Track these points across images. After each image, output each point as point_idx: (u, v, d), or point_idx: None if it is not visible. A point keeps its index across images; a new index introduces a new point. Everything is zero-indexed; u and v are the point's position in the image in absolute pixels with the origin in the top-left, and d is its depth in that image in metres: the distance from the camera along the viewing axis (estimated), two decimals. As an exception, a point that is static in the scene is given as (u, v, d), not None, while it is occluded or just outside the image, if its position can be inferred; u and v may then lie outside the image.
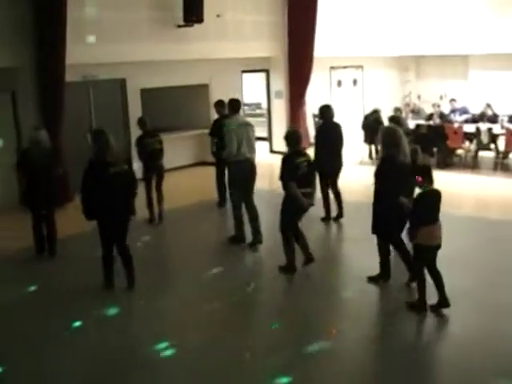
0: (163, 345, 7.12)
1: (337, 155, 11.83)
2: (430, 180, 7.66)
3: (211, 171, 14.04)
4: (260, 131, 20.75)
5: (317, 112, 19.23)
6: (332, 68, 21.85)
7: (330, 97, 21.27)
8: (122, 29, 14.88)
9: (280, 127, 19.80)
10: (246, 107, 20.48)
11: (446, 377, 6.50)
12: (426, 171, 7.75)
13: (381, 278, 8.74)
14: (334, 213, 12.02)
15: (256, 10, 18.10)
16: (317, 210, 10.64)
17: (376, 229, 8.53)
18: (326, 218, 11.95)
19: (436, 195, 7.69)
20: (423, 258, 7.70)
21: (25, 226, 10.54)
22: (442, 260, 7.79)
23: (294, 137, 9.25)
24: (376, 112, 17.84)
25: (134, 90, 16.30)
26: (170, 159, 15.88)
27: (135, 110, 16.24)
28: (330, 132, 11.84)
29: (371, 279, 8.78)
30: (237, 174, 10.61)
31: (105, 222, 8.63)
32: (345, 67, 22.28)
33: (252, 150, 10.67)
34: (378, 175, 8.40)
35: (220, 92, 16.63)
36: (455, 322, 7.62)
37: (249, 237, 10.75)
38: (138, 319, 8.17)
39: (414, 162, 8.96)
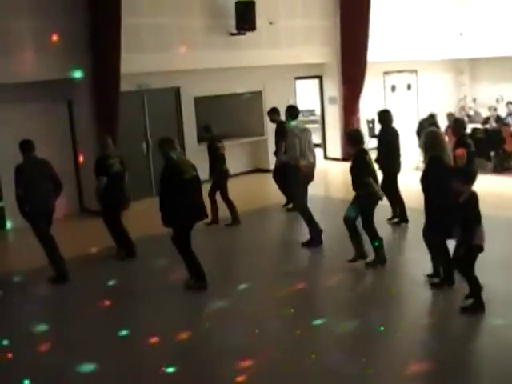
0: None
1: (397, 159, 11.84)
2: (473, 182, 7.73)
3: (266, 178, 14.05)
4: (314, 138, 20.72)
5: (371, 118, 19.32)
6: (386, 73, 21.69)
7: (384, 102, 21.11)
8: (175, 38, 14.99)
9: (334, 134, 19.74)
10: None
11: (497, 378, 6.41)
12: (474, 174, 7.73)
13: (444, 283, 8.57)
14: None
15: (308, 17, 18.05)
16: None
17: (429, 231, 8.43)
18: (394, 218, 12.05)
19: (477, 196, 7.67)
20: (474, 259, 7.64)
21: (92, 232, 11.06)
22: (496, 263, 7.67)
23: (359, 135, 9.57)
24: (432, 117, 17.52)
25: (188, 98, 16.42)
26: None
27: (189, 118, 16.39)
28: (388, 136, 11.78)
29: (434, 285, 8.64)
30: (301, 178, 10.74)
31: (185, 227, 8.90)
32: (399, 72, 22.09)
33: (313, 154, 10.94)
34: (425, 178, 8.31)
35: (273, 99, 16.68)
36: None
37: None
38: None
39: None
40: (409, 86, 22.68)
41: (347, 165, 9.72)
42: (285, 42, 17.46)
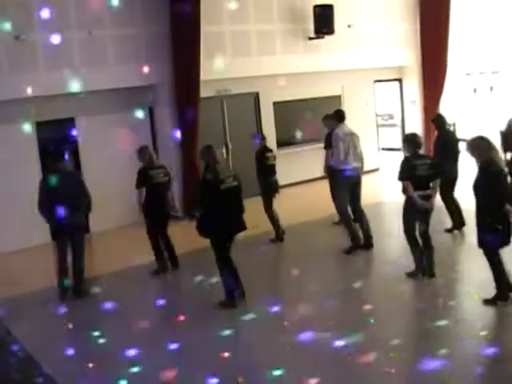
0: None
1: (453, 164, 11.32)
2: None
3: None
4: (393, 142, 20.50)
5: (452, 122, 18.94)
6: (467, 74, 21.27)
7: (465, 104, 20.71)
8: (253, 43, 15.10)
9: (414, 137, 19.43)
10: (378, 118, 20.25)
11: None
12: None
13: (498, 299, 7.86)
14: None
15: (388, 19, 17.89)
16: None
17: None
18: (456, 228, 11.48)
19: None
20: None
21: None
22: None
23: (415, 139, 9.08)
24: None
25: (267, 104, 16.47)
26: (302, 172, 16.03)
27: (268, 122, 16.42)
28: (445, 140, 11.54)
29: (487, 302, 7.93)
30: (343, 182, 10.75)
31: (222, 237, 8.54)
32: (480, 73, 21.63)
33: (358, 158, 10.79)
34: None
35: (352, 103, 16.58)
36: None
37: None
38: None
39: None
40: (491, 88, 22.18)
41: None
42: (364, 44, 17.35)
